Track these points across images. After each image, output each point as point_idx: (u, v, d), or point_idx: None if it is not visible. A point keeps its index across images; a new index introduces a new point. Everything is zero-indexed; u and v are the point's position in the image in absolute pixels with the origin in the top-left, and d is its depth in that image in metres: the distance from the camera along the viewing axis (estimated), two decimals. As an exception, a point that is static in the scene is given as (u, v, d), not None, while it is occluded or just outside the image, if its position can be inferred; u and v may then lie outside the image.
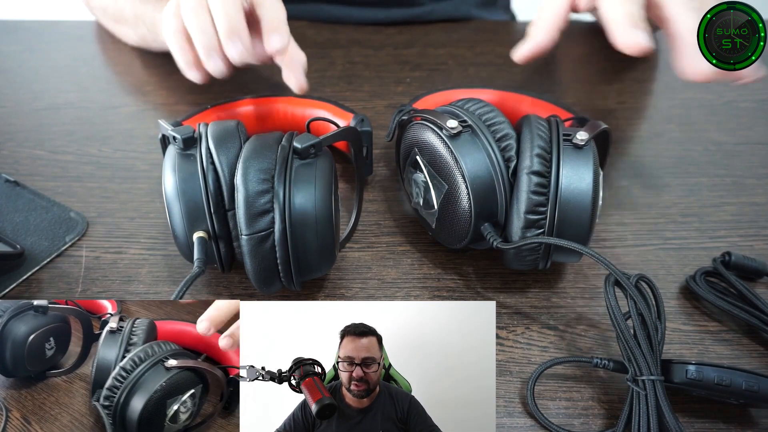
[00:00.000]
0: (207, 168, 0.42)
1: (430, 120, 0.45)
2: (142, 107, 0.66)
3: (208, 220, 0.42)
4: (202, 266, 0.41)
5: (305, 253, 0.41)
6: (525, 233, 0.42)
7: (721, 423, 0.40)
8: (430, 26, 0.79)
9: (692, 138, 0.62)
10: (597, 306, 0.47)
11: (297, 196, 0.40)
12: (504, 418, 0.41)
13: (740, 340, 0.45)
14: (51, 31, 0.78)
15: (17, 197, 0.54)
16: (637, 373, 0.38)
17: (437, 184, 0.44)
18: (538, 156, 0.42)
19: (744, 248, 0.51)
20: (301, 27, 0.78)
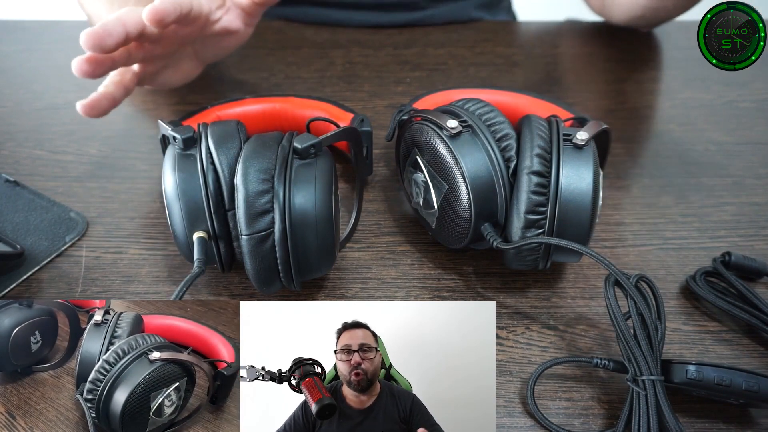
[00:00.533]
0: (207, 168, 0.42)
1: (430, 120, 0.45)
2: (142, 107, 0.66)
3: (208, 220, 0.42)
4: (202, 266, 0.41)
5: (305, 253, 0.41)
6: (525, 233, 0.42)
7: (721, 423, 0.40)
8: (430, 27, 0.79)
9: (692, 138, 0.62)
10: (597, 306, 0.47)
11: (297, 196, 0.40)
12: (504, 418, 0.41)
13: (740, 340, 0.45)
14: (51, 31, 0.78)
15: (17, 197, 0.54)
16: (637, 373, 0.38)
17: (437, 184, 0.44)
18: (538, 156, 0.42)
19: (744, 248, 0.51)
20: (300, 27, 0.78)
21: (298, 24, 0.80)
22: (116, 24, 0.46)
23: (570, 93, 0.69)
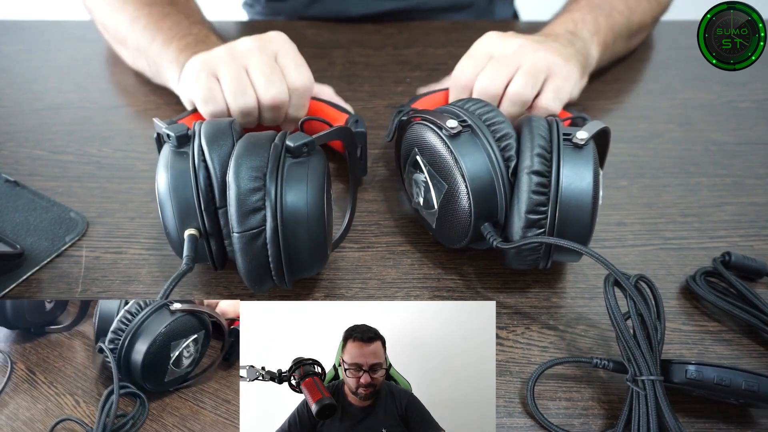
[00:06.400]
0: (198, 165, 0.42)
1: (430, 120, 0.45)
2: (142, 107, 0.66)
3: (198, 218, 0.42)
4: (190, 263, 0.41)
5: (297, 252, 0.41)
6: (526, 233, 0.42)
7: (721, 423, 0.40)
8: (430, 26, 0.79)
9: (692, 138, 0.62)
10: (597, 306, 0.47)
11: (289, 194, 0.40)
12: (504, 418, 0.41)
13: (740, 340, 0.45)
14: (51, 31, 0.78)
15: (17, 197, 0.54)
16: (637, 373, 0.38)
17: (437, 184, 0.44)
18: (538, 156, 0.42)
19: (744, 248, 0.51)
20: (301, 27, 0.78)
21: (298, 23, 0.80)
22: None
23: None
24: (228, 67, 0.51)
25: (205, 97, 0.51)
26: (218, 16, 0.73)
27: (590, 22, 0.61)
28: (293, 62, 0.53)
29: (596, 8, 0.63)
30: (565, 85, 0.53)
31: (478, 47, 0.55)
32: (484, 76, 0.53)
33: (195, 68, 0.52)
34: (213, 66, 0.51)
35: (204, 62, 0.52)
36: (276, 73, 0.51)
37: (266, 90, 0.51)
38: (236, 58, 0.51)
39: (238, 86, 0.50)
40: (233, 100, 0.50)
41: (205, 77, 0.51)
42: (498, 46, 0.54)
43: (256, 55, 0.51)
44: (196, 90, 0.51)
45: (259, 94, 0.51)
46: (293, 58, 0.53)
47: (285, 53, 0.53)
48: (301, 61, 0.53)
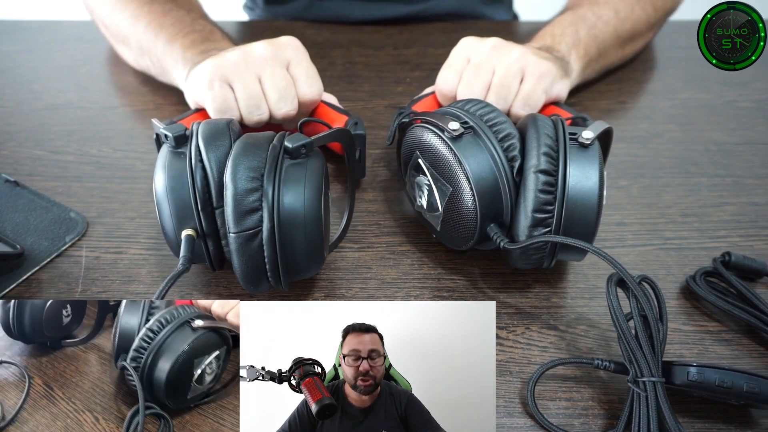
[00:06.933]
0: (195, 166, 0.42)
1: (432, 123, 0.44)
2: (142, 107, 0.66)
3: (195, 218, 0.42)
4: (186, 264, 0.41)
5: (293, 253, 0.41)
6: (532, 232, 0.42)
7: (722, 423, 0.40)
8: (430, 26, 0.79)
9: (692, 138, 0.62)
10: (597, 306, 0.47)
11: (286, 195, 0.40)
12: (504, 418, 0.41)
13: (740, 340, 0.45)
14: (51, 31, 0.78)
15: (17, 197, 0.54)
16: (638, 374, 0.38)
17: (441, 187, 0.44)
18: (545, 155, 0.42)
19: (744, 248, 0.51)
20: (301, 27, 0.78)
21: (298, 24, 0.80)
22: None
23: (570, 93, 0.69)
24: (242, 77, 0.51)
25: (220, 108, 0.50)
26: (219, 16, 0.73)
27: (569, 35, 0.60)
28: (305, 73, 0.53)
29: (579, 20, 0.62)
30: (538, 87, 0.52)
31: (455, 55, 0.56)
32: (462, 86, 0.53)
33: (207, 75, 0.51)
34: (227, 74, 0.51)
35: (217, 69, 0.51)
36: (289, 87, 0.51)
37: (278, 106, 0.51)
38: (250, 66, 0.51)
39: (253, 102, 0.50)
40: (247, 114, 0.51)
41: (219, 86, 0.50)
42: (474, 51, 0.55)
43: (270, 65, 0.51)
44: (210, 99, 0.50)
45: (271, 108, 0.51)
46: (305, 69, 0.53)
47: (297, 63, 0.53)
48: (313, 72, 0.53)
